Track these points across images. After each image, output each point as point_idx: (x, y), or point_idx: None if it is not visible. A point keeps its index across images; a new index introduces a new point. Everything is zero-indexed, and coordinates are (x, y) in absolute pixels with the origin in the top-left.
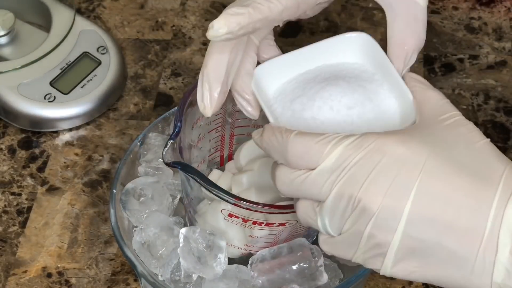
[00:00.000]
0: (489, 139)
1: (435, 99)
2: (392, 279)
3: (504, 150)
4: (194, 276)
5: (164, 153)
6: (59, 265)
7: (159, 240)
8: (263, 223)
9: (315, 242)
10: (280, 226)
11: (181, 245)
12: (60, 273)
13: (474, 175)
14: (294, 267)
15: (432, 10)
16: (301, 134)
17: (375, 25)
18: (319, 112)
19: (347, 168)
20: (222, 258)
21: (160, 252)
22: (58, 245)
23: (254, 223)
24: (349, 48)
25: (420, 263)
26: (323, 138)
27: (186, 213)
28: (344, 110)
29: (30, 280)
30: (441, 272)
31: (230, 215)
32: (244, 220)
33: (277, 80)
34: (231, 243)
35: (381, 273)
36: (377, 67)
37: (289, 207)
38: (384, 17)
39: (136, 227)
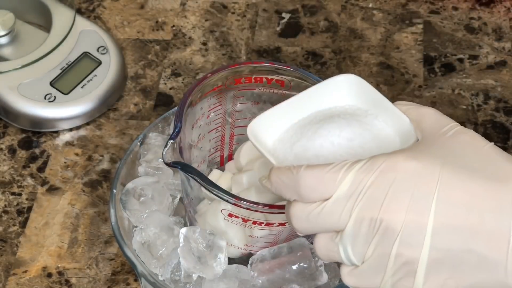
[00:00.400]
0: (492, 143)
1: (430, 115)
2: None
3: (504, 150)
4: (194, 276)
5: (164, 153)
6: (59, 265)
7: (159, 240)
8: (263, 223)
9: None
10: (280, 226)
11: (181, 245)
12: (60, 273)
13: (489, 178)
14: (294, 267)
15: (432, 10)
16: (310, 167)
17: (375, 25)
18: (322, 149)
19: (362, 192)
20: (222, 258)
21: (160, 252)
22: (58, 245)
23: (254, 223)
24: (338, 92)
25: (451, 273)
26: (333, 166)
27: (186, 213)
28: (345, 142)
29: (30, 280)
30: (474, 279)
31: (230, 215)
32: (244, 220)
33: (273, 131)
34: (231, 243)
35: None
36: (368, 103)
37: (283, 207)
38: (383, 17)
39: (136, 227)
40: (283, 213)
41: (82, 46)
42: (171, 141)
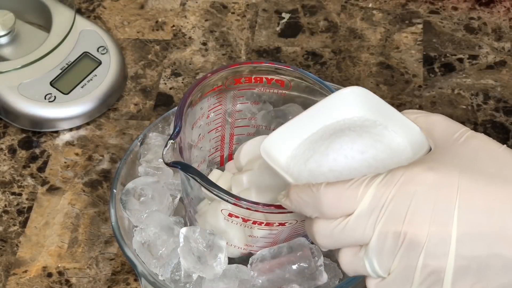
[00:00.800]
0: (505, 145)
1: (440, 122)
2: None
3: None
4: (194, 276)
5: (164, 153)
6: (59, 265)
7: (159, 240)
8: (263, 223)
9: None
10: (280, 226)
11: (181, 244)
12: (60, 273)
13: (506, 182)
14: (294, 266)
15: (432, 10)
16: (330, 184)
17: (374, 25)
18: (336, 164)
19: (385, 206)
20: (222, 257)
21: (160, 252)
22: (58, 245)
23: (254, 223)
24: (345, 105)
25: (477, 279)
26: (353, 182)
27: (186, 213)
28: (358, 155)
29: (31, 280)
30: (500, 281)
31: (230, 215)
32: (244, 220)
33: (285, 149)
34: (231, 243)
35: None
36: (376, 114)
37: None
38: (383, 17)
39: (136, 227)
40: (283, 213)
41: (82, 46)
42: (171, 141)
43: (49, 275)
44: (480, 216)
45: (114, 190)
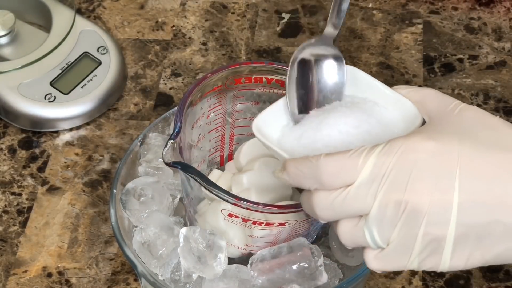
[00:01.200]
0: (498, 116)
1: (432, 96)
2: (392, 278)
3: None
4: (194, 276)
5: (164, 153)
6: (59, 265)
7: (159, 240)
8: (263, 223)
9: (315, 242)
10: (280, 226)
11: (181, 244)
12: (60, 273)
13: (505, 150)
14: (294, 266)
15: (432, 10)
16: (329, 154)
17: (374, 25)
18: (330, 139)
19: (385, 175)
20: (222, 257)
21: (160, 252)
22: (58, 245)
23: (254, 223)
24: None
25: (477, 246)
26: (353, 152)
27: (186, 213)
28: (353, 130)
29: (31, 280)
30: (500, 249)
31: (230, 215)
32: (244, 220)
33: (276, 126)
34: (231, 243)
35: (439, 270)
36: (366, 91)
37: (289, 207)
38: (383, 17)
39: (136, 227)
40: (283, 213)
41: (82, 46)
42: (171, 141)
43: (49, 275)
44: (481, 183)
45: (114, 190)
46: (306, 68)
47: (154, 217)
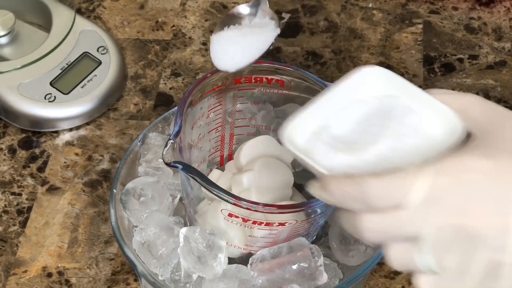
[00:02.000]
0: None
1: (475, 104)
2: (392, 278)
3: None
4: (194, 276)
5: (164, 153)
6: (59, 265)
7: (159, 240)
8: (263, 222)
9: (315, 242)
10: (280, 226)
11: (181, 244)
12: (60, 273)
13: None
14: (294, 266)
15: (432, 10)
16: (377, 175)
17: (375, 25)
18: (375, 156)
19: (440, 197)
20: (222, 257)
21: (160, 252)
22: (58, 245)
23: (254, 223)
24: (367, 87)
25: None
26: (403, 172)
27: (186, 213)
28: (398, 143)
29: (30, 280)
30: None
31: (230, 215)
32: (244, 220)
33: (307, 137)
34: (231, 243)
35: None
36: (402, 96)
37: (289, 207)
38: (383, 17)
39: (136, 227)
40: (283, 213)
41: (82, 46)
42: (171, 141)
43: (49, 275)
44: None
45: (114, 190)
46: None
47: (154, 217)
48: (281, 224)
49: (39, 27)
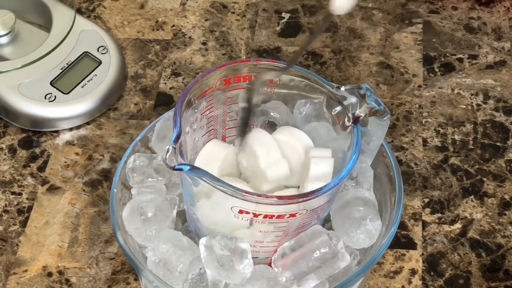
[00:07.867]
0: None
1: None
2: (392, 278)
3: (503, 150)
4: (221, 285)
5: (167, 158)
6: (59, 264)
7: (174, 255)
8: (274, 215)
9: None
10: (291, 218)
11: (203, 255)
12: (60, 272)
13: None
14: (316, 254)
15: (432, 10)
16: None
17: (374, 25)
18: None
19: None
20: (248, 260)
21: (179, 268)
22: (58, 244)
23: (265, 216)
24: None
25: None
26: None
27: (188, 220)
28: None
29: (31, 279)
30: None
31: (241, 212)
32: (255, 215)
33: None
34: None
35: None
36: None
37: (296, 197)
38: (383, 17)
39: (146, 247)
40: (294, 203)
41: (82, 45)
42: (172, 145)
43: (49, 274)
44: None
45: (115, 190)
46: None
47: (162, 233)
48: (292, 215)
49: (39, 27)
